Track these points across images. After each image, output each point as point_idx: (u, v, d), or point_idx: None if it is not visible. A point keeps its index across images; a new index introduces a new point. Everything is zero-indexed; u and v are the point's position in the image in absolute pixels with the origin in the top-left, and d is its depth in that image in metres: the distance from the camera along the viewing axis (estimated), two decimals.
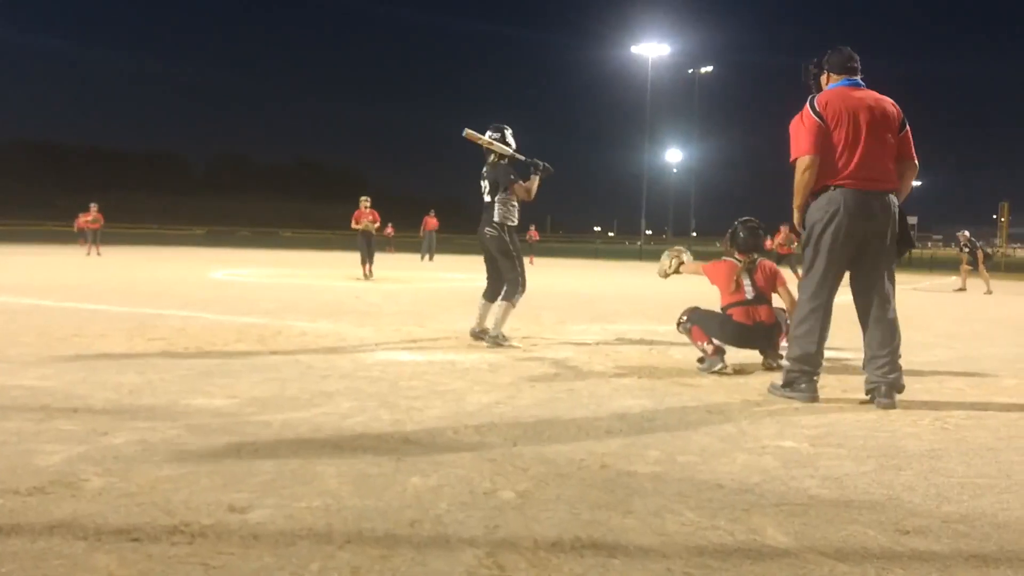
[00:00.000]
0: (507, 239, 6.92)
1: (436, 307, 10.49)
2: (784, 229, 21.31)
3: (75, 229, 28.87)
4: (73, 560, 2.15)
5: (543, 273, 23.11)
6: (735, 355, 5.94)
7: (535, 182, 6.94)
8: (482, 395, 4.58)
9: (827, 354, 6.67)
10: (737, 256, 6.07)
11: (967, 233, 20.15)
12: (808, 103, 4.75)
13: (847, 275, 4.83)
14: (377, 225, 17.67)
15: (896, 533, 2.52)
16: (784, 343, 5.84)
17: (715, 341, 5.74)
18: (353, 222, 17.56)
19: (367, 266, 16.88)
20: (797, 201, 4.75)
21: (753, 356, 6.14)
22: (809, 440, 3.71)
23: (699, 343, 5.81)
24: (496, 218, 6.93)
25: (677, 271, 6.62)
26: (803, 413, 4.31)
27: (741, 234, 6.12)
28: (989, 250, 20.84)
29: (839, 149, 4.62)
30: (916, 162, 4.84)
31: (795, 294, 5.44)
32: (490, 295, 7.09)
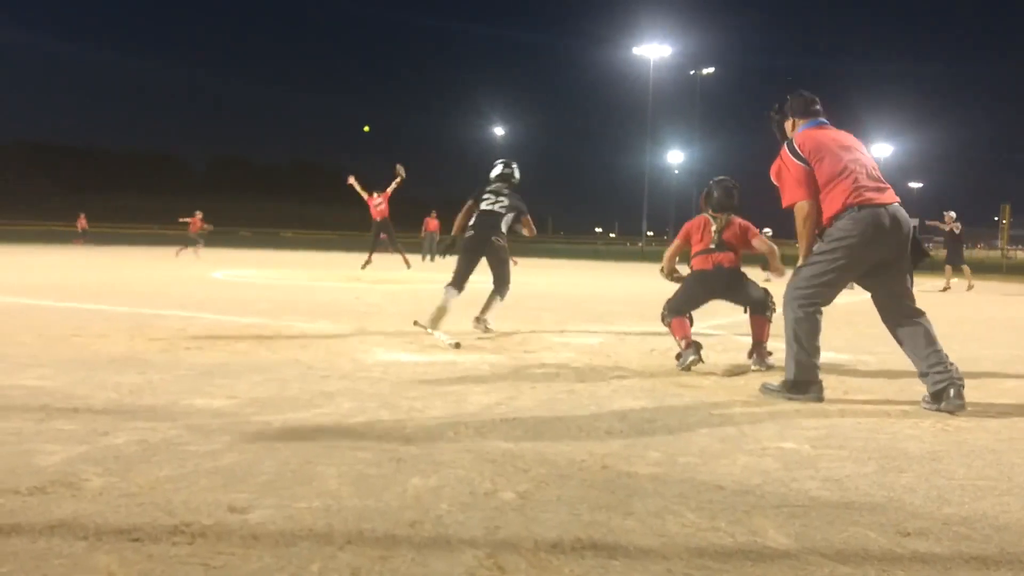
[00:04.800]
0: (507, 248, 7.91)
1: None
2: None
3: (190, 232, 29.46)
4: (73, 560, 2.14)
5: (544, 274, 23.10)
6: (738, 355, 5.94)
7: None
8: (482, 396, 4.58)
9: (827, 356, 6.69)
10: (712, 214, 6.18)
11: (953, 214, 19.44)
12: (787, 148, 4.83)
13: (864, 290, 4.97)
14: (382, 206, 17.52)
15: (897, 535, 2.52)
16: (770, 345, 5.86)
17: (689, 335, 5.81)
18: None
19: (401, 254, 16.85)
20: (805, 249, 4.79)
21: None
22: (810, 441, 3.71)
23: (676, 337, 5.91)
24: (504, 229, 7.73)
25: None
26: (804, 415, 4.31)
27: (715, 193, 6.23)
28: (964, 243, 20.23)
29: (840, 174, 4.66)
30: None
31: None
32: (460, 287, 7.76)
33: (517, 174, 8.14)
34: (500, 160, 8.27)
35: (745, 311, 6.13)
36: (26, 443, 3.28)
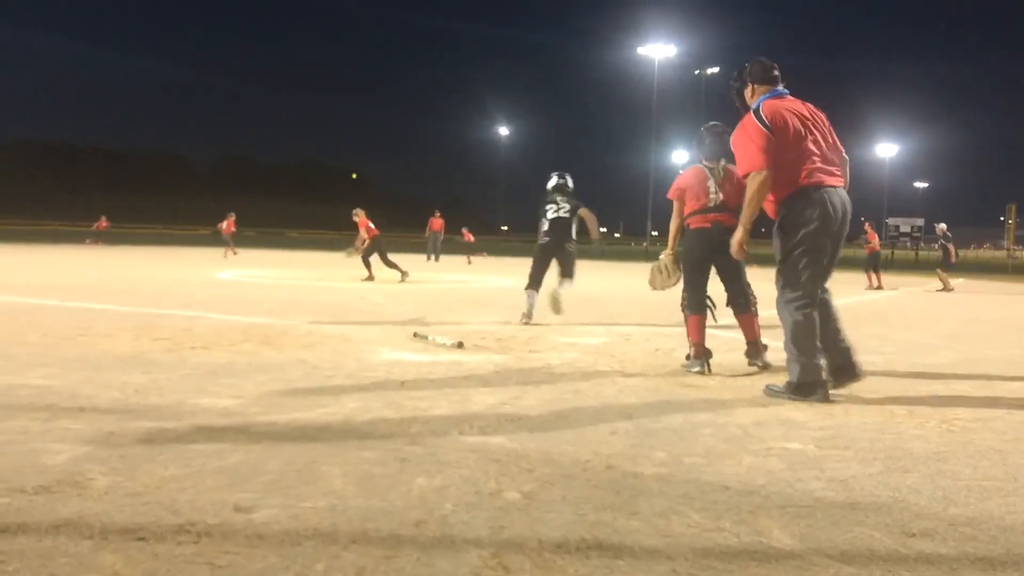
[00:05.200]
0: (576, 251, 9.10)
1: (441, 308, 10.49)
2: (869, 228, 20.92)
3: (221, 233, 30.18)
4: (79, 559, 2.15)
5: (548, 274, 23.08)
6: (740, 358, 5.93)
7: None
8: (487, 396, 4.58)
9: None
10: (705, 163, 5.96)
11: (944, 226, 20.23)
12: (753, 115, 4.83)
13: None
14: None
15: (902, 535, 2.52)
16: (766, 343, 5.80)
17: (702, 341, 5.70)
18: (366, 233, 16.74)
19: (396, 268, 16.20)
20: (751, 214, 4.80)
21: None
22: (815, 442, 3.71)
23: (689, 338, 5.80)
24: (573, 235, 9.05)
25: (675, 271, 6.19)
26: (809, 415, 4.30)
27: (707, 140, 5.98)
28: (957, 253, 20.86)
29: (799, 151, 4.73)
30: (846, 156, 5.02)
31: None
32: (537, 287, 8.91)
33: (571, 183, 9.22)
34: (554, 173, 9.31)
35: (727, 304, 5.98)
36: (32, 442, 3.29)
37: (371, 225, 16.52)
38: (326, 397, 4.41)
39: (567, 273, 9.05)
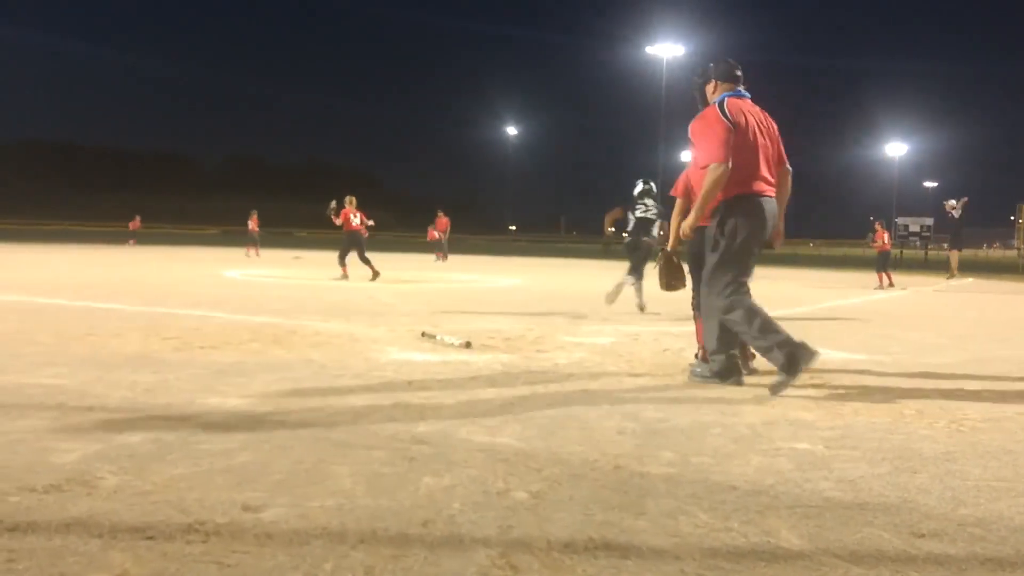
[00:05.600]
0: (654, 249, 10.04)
1: (449, 307, 10.50)
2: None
3: (248, 232, 31.07)
4: (89, 557, 2.16)
5: (556, 274, 23.10)
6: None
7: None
8: (495, 395, 4.58)
9: (841, 356, 6.67)
10: None
11: (953, 201, 19.94)
12: (717, 107, 4.94)
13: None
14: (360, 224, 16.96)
15: (911, 536, 2.51)
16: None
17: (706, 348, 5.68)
18: (337, 220, 16.64)
19: (371, 264, 16.15)
20: (704, 207, 4.92)
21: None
22: (824, 442, 3.70)
23: (697, 340, 5.76)
24: (655, 233, 10.37)
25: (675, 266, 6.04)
26: (818, 415, 4.29)
27: None
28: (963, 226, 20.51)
29: (751, 156, 4.88)
30: (789, 167, 5.27)
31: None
32: (640, 275, 10.34)
33: (655, 187, 10.82)
34: (639, 179, 10.67)
35: None
36: (42, 441, 3.30)
37: (353, 219, 16.41)
38: (334, 396, 4.42)
39: (636, 270, 10.65)
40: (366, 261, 16.03)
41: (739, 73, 5.13)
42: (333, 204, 16.57)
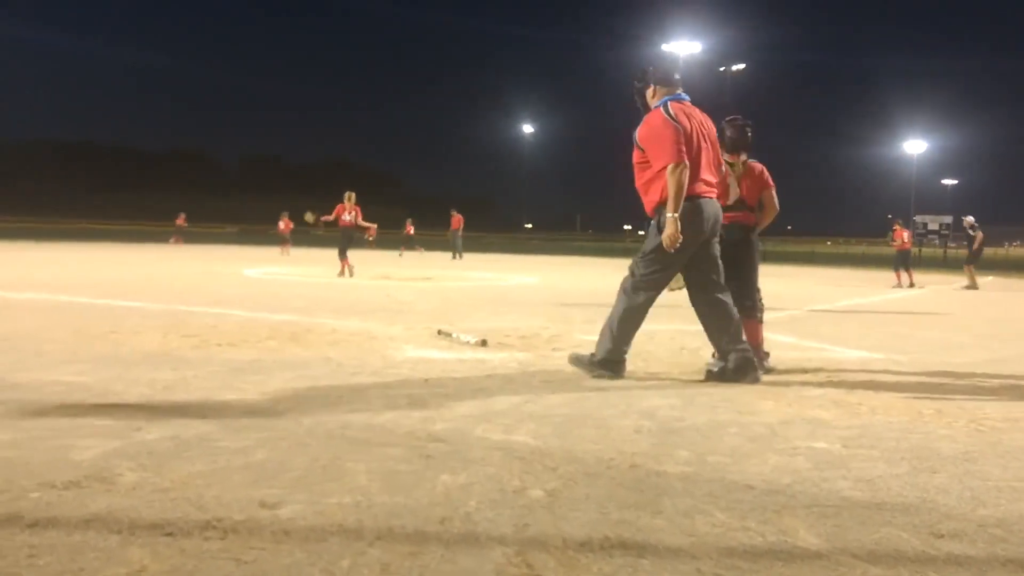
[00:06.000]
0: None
1: (465, 305, 10.51)
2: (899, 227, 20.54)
3: (282, 232, 32.28)
4: (108, 553, 2.17)
5: (572, 272, 23.08)
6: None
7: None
8: (511, 393, 4.58)
9: (859, 355, 6.64)
10: (726, 158, 5.82)
11: (971, 219, 19.95)
12: (663, 110, 5.01)
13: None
14: (363, 223, 17.12)
15: (930, 536, 2.49)
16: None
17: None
18: (331, 216, 16.89)
19: (345, 261, 16.35)
20: (676, 204, 4.89)
21: (784, 358, 6.10)
22: (841, 441, 3.68)
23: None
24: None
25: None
26: (835, 414, 4.27)
27: (728, 132, 5.85)
28: (982, 244, 20.31)
29: (692, 159, 4.95)
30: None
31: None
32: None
33: None
34: None
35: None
36: (62, 438, 3.33)
37: (345, 215, 16.58)
38: (351, 394, 4.43)
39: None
40: (342, 256, 16.42)
41: (678, 76, 5.22)
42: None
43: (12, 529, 2.32)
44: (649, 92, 5.25)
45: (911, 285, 18.66)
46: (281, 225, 32.16)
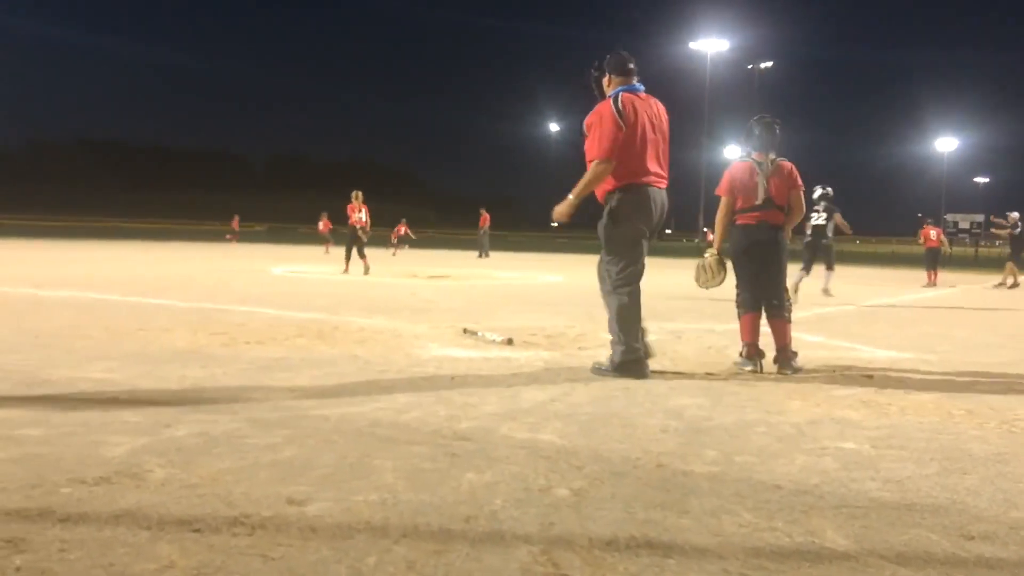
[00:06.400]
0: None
1: (491, 304, 10.52)
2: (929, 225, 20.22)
3: (322, 232, 32.79)
4: (137, 549, 2.20)
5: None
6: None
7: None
8: (537, 392, 4.58)
9: (888, 354, 6.57)
10: (755, 157, 5.80)
11: (1016, 215, 19.49)
12: (612, 103, 5.12)
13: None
14: (365, 220, 17.51)
15: (960, 538, 2.46)
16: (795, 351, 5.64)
17: (755, 341, 5.59)
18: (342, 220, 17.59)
19: (351, 261, 16.72)
20: (581, 193, 5.17)
21: (813, 358, 6.06)
22: (870, 442, 3.64)
23: (742, 338, 5.72)
24: (830, 233, 13.31)
25: (720, 268, 6.01)
26: (864, 414, 4.23)
27: (756, 130, 5.83)
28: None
29: (642, 148, 5.11)
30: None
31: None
32: (809, 270, 12.87)
33: (831, 191, 13.21)
34: (817, 186, 13.04)
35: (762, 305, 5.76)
36: (93, 434, 3.37)
37: (355, 214, 17.00)
38: (377, 392, 4.45)
39: (830, 265, 13.41)
40: (347, 256, 16.88)
41: (632, 66, 5.30)
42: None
43: (44, 524, 2.35)
44: (605, 81, 5.37)
45: (933, 285, 18.38)
46: (320, 225, 32.92)
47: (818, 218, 12.98)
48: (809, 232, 13.11)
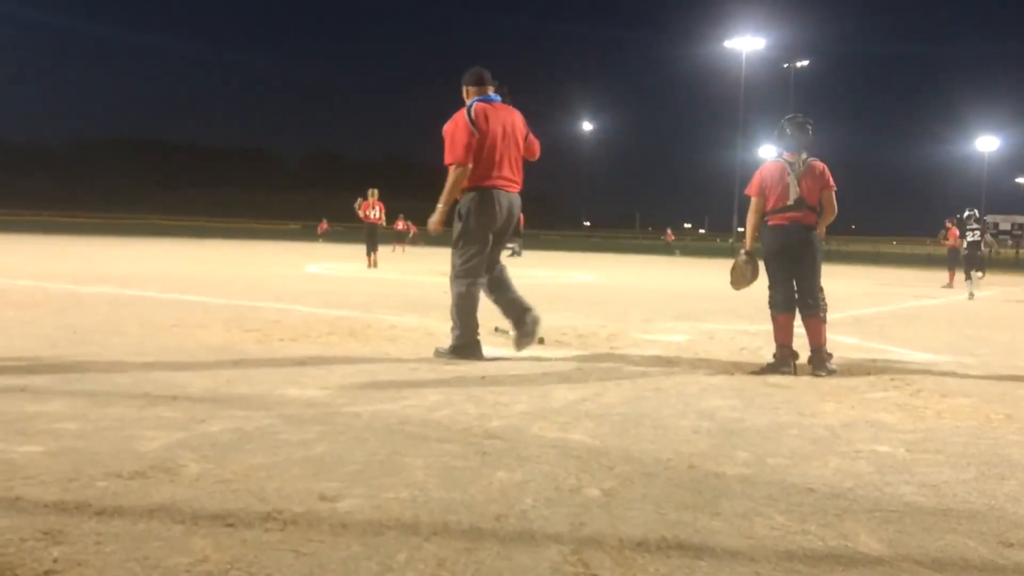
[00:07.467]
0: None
1: None
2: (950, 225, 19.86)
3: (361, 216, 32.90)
4: (171, 543, 2.22)
5: (631, 270, 22.95)
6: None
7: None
8: (568, 391, 4.57)
9: (926, 357, 6.49)
10: (786, 157, 5.73)
11: None
12: (466, 112, 5.64)
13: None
14: (379, 217, 18.62)
15: (998, 545, 2.42)
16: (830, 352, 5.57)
17: (788, 342, 5.53)
18: (361, 213, 18.70)
19: (371, 256, 17.75)
20: (447, 199, 5.71)
21: (848, 360, 5.99)
22: (905, 445, 3.59)
23: (775, 339, 5.66)
24: (982, 249, 16.34)
25: (752, 269, 6.03)
26: (899, 417, 4.17)
27: (788, 130, 5.74)
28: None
29: (492, 155, 5.61)
30: (537, 158, 6.12)
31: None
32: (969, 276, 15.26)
33: (976, 212, 15.77)
34: (966, 208, 16.47)
35: (797, 305, 5.70)
36: (128, 429, 3.42)
37: (370, 212, 17.90)
38: (409, 390, 4.47)
39: (979, 269, 15.58)
40: (369, 251, 18.11)
41: (487, 76, 5.81)
42: (359, 200, 18.27)
43: (80, 517, 2.38)
44: (464, 93, 5.82)
45: (948, 286, 17.80)
46: (319, 228, 33.89)
47: (972, 236, 15.80)
48: (965, 247, 15.93)
